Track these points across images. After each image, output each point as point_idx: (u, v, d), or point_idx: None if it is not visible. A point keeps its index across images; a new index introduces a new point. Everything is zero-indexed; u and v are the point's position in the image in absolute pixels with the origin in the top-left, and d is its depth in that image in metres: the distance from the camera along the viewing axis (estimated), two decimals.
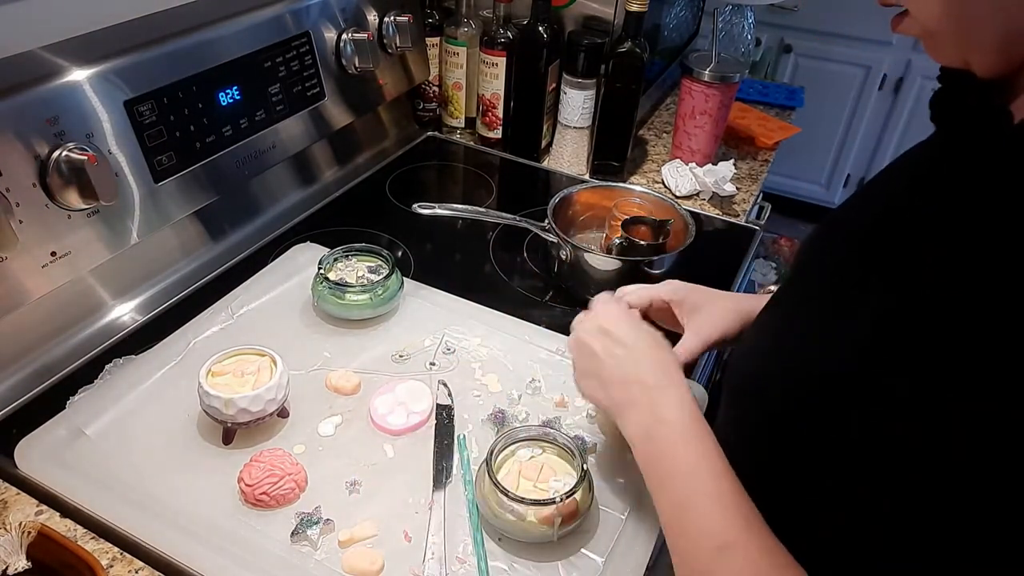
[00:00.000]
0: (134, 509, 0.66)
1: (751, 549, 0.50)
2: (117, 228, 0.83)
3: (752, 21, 1.59)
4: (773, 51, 2.75)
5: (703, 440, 0.57)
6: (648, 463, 0.59)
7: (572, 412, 0.80)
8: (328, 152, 1.21)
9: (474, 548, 0.66)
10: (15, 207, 0.72)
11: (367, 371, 0.82)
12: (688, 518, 0.54)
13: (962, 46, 0.46)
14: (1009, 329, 0.38)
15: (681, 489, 0.55)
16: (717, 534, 0.51)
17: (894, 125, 2.75)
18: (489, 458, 0.67)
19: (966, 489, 0.38)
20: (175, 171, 0.88)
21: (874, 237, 0.52)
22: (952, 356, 0.40)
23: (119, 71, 0.81)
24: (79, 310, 0.86)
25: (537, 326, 0.91)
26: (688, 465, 0.56)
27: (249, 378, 0.73)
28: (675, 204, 1.01)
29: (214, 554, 0.63)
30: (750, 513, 0.52)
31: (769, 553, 0.50)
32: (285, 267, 0.98)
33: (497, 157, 1.34)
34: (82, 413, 0.74)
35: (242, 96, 0.95)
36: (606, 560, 0.65)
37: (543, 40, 1.20)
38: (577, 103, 1.22)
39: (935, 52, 0.48)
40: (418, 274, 1.00)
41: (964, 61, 0.46)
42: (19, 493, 0.68)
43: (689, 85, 1.24)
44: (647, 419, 0.60)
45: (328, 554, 0.64)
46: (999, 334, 0.38)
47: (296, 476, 0.68)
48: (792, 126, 1.49)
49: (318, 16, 1.05)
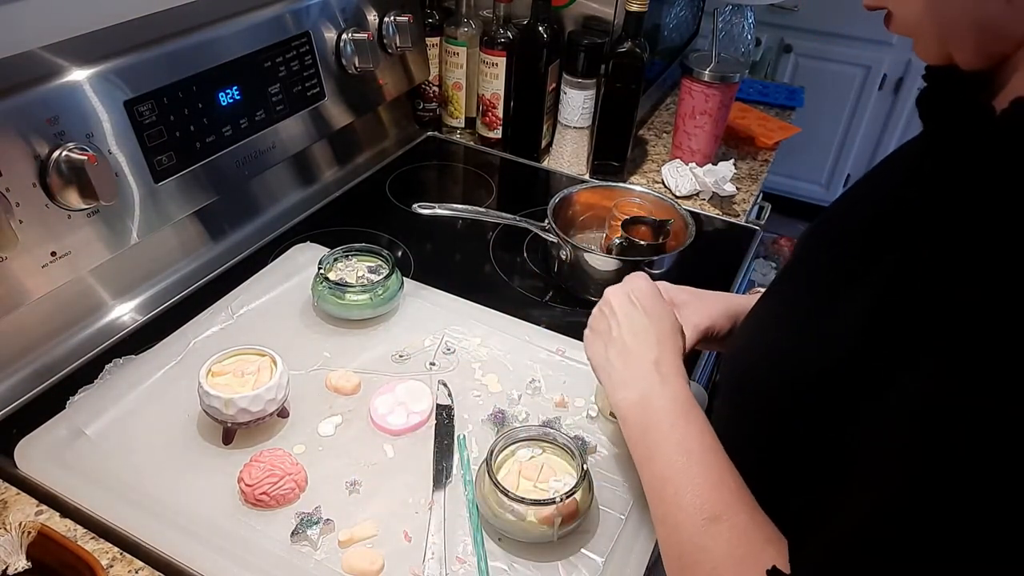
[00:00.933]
0: (134, 509, 0.66)
1: (741, 521, 0.51)
2: (117, 228, 0.83)
3: (752, 21, 1.59)
4: (773, 51, 2.75)
5: (695, 417, 0.58)
6: (638, 433, 0.60)
7: (572, 412, 0.80)
8: (328, 152, 1.21)
9: (474, 548, 0.66)
10: (15, 207, 0.72)
11: (367, 371, 0.82)
12: (677, 490, 0.54)
13: (943, 42, 0.47)
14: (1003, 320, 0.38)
15: (670, 462, 0.56)
16: (707, 506, 0.52)
17: (894, 125, 2.75)
18: (489, 458, 0.67)
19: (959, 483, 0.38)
20: (175, 171, 0.88)
21: (867, 232, 0.52)
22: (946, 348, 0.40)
23: (119, 71, 0.81)
24: (79, 310, 0.86)
25: (537, 326, 0.91)
26: (678, 439, 0.57)
27: (249, 378, 0.73)
28: (675, 204, 1.01)
29: (214, 554, 0.63)
30: (739, 488, 0.53)
31: (759, 526, 0.50)
32: (285, 267, 0.98)
33: (497, 157, 1.34)
34: (82, 413, 0.74)
35: (242, 96, 0.95)
36: (606, 560, 0.65)
37: (543, 40, 1.20)
38: (577, 103, 1.22)
39: (921, 50, 0.50)
40: (418, 274, 1.00)
41: (948, 57, 0.48)
42: (19, 493, 0.68)
43: (689, 85, 1.24)
44: (643, 390, 0.61)
45: (328, 554, 0.64)
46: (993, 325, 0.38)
47: (296, 476, 0.68)
48: (792, 126, 1.49)
49: (318, 16, 1.05)
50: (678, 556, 0.53)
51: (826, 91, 2.72)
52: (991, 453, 0.37)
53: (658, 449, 0.57)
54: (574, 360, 0.85)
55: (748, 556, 0.48)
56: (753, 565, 0.47)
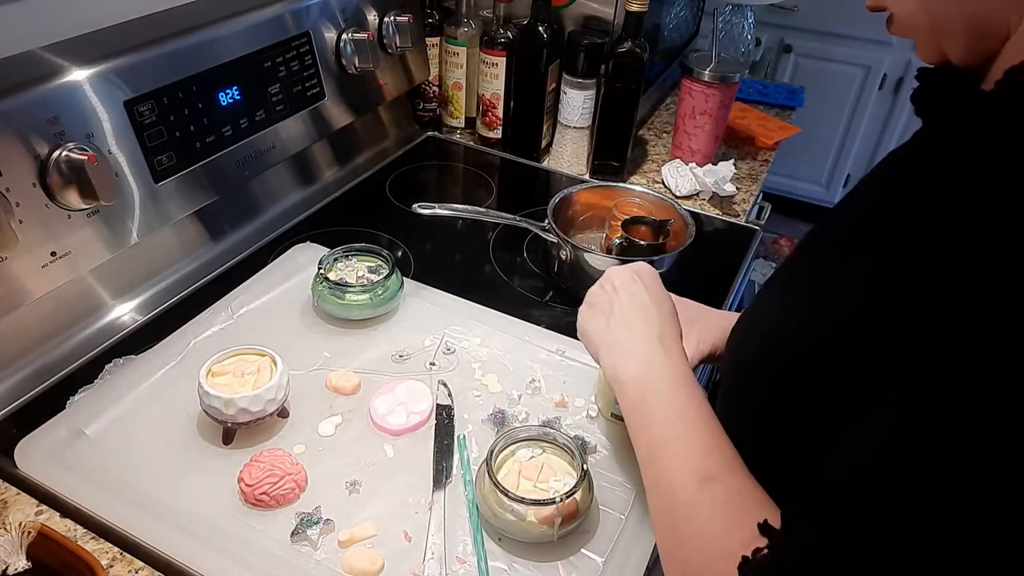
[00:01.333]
0: (134, 509, 0.66)
1: (734, 483, 0.51)
2: (117, 228, 0.83)
3: (752, 21, 1.59)
4: (773, 51, 2.75)
5: (695, 388, 0.59)
6: (636, 401, 0.60)
7: (572, 412, 0.80)
8: (328, 152, 1.21)
9: (474, 548, 0.66)
10: (15, 207, 0.72)
11: (367, 371, 0.82)
12: (671, 453, 0.55)
13: (936, 39, 0.49)
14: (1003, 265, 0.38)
15: (668, 426, 0.57)
16: (702, 467, 0.52)
17: (894, 125, 2.75)
18: (489, 458, 0.67)
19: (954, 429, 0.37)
20: (175, 171, 0.88)
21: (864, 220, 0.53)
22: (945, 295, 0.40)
23: (119, 71, 0.81)
24: (79, 310, 0.86)
25: (537, 326, 0.91)
26: (679, 407, 0.57)
27: (249, 378, 0.73)
28: (675, 204, 1.01)
29: (214, 554, 0.63)
30: (733, 454, 0.53)
31: (752, 490, 0.51)
32: (285, 267, 0.98)
33: (497, 157, 1.34)
34: (82, 413, 0.74)
35: (242, 96, 0.95)
36: (606, 560, 0.65)
37: (543, 40, 1.20)
38: (577, 103, 1.22)
39: (921, 51, 0.51)
40: (418, 274, 1.00)
41: (943, 55, 0.49)
42: (19, 493, 0.68)
43: (689, 85, 1.24)
44: (646, 360, 0.62)
45: (328, 554, 0.64)
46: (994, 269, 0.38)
47: (296, 476, 0.68)
48: (792, 126, 1.49)
49: (318, 16, 1.05)
50: (669, 514, 0.53)
51: (826, 91, 2.72)
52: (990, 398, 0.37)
53: (656, 416, 0.58)
54: (574, 360, 0.85)
55: (741, 515, 0.48)
56: (747, 524, 0.47)
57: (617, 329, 0.66)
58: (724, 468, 0.52)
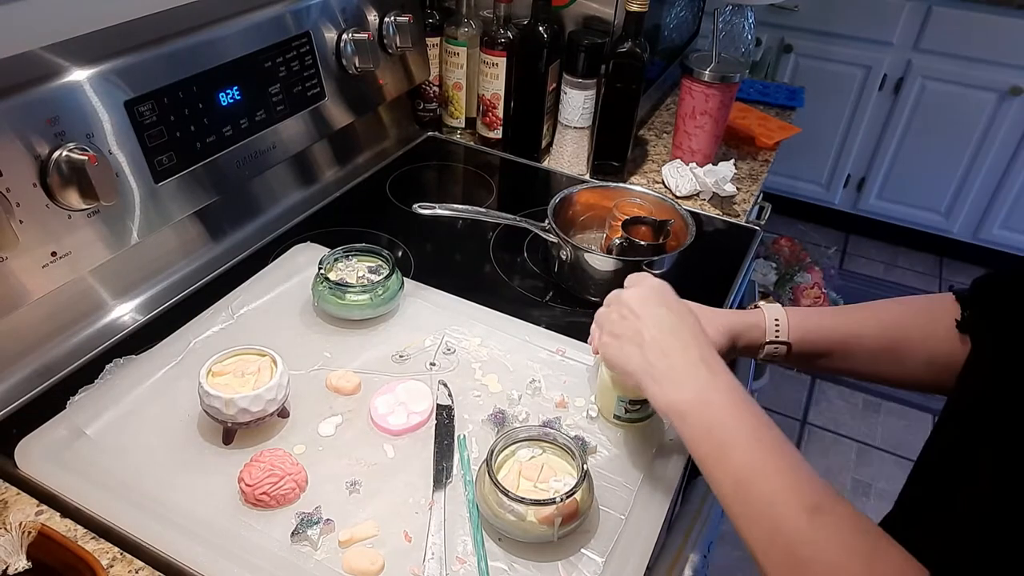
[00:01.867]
0: (134, 509, 0.66)
1: (841, 509, 0.50)
2: (117, 228, 0.83)
3: (752, 21, 1.59)
4: (773, 51, 2.75)
5: (754, 405, 0.57)
6: (701, 432, 0.58)
7: (572, 412, 0.80)
8: (328, 152, 1.21)
9: (474, 548, 0.66)
10: (15, 207, 0.72)
11: (367, 371, 0.82)
12: (764, 488, 0.53)
13: None
14: None
15: (747, 458, 0.55)
16: (805, 500, 0.51)
17: (894, 125, 2.75)
18: (489, 458, 0.67)
19: None
20: (175, 171, 0.88)
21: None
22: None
23: (119, 71, 0.81)
24: (79, 310, 0.86)
25: (537, 326, 0.91)
26: (749, 432, 0.56)
27: (249, 378, 0.73)
28: (675, 204, 1.01)
29: (214, 554, 0.63)
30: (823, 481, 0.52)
31: (859, 515, 0.50)
32: (285, 267, 0.98)
33: (497, 157, 1.34)
34: (82, 413, 0.74)
35: (242, 96, 0.95)
36: (606, 560, 0.65)
37: (543, 40, 1.20)
38: (577, 103, 1.22)
39: None
40: (418, 274, 1.00)
41: None
42: (19, 493, 0.68)
43: (689, 85, 1.24)
44: (698, 387, 0.60)
45: (328, 554, 0.64)
46: None
47: (296, 476, 0.68)
48: (792, 126, 1.49)
49: (318, 16, 1.05)
50: (786, 555, 0.51)
51: (826, 91, 2.72)
52: None
53: (731, 446, 0.56)
54: (574, 360, 0.86)
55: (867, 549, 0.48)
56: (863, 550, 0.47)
57: (655, 358, 0.63)
58: (824, 495, 0.51)
